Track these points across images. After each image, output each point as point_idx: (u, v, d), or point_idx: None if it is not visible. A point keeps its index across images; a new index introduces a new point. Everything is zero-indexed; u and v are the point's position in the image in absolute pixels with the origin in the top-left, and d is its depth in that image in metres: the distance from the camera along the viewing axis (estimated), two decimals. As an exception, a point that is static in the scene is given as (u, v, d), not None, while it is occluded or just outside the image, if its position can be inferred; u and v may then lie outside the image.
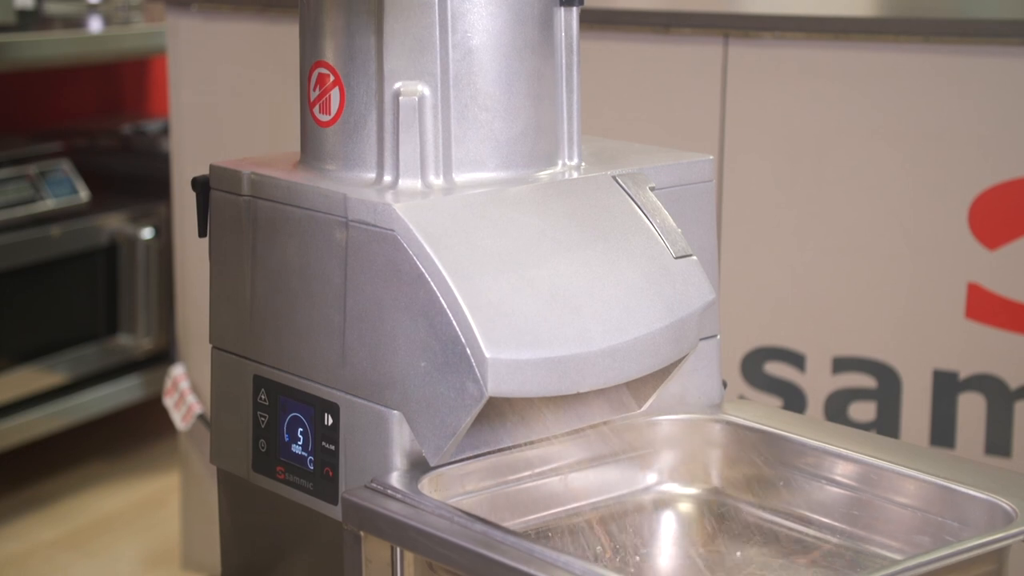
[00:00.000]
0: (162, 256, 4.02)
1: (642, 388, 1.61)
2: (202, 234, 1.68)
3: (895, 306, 2.59)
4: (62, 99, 4.58)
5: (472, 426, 1.48)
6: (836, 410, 2.64)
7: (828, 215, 2.62)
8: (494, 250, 1.47)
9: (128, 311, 4.04)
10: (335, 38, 1.58)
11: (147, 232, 4.03)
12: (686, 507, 1.61)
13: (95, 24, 4.27)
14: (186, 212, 3.24)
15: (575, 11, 1.63)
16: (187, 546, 3.42)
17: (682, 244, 1.58)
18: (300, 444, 1.57)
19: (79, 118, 4.58)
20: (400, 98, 1.55)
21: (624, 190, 1.59)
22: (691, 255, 1.58)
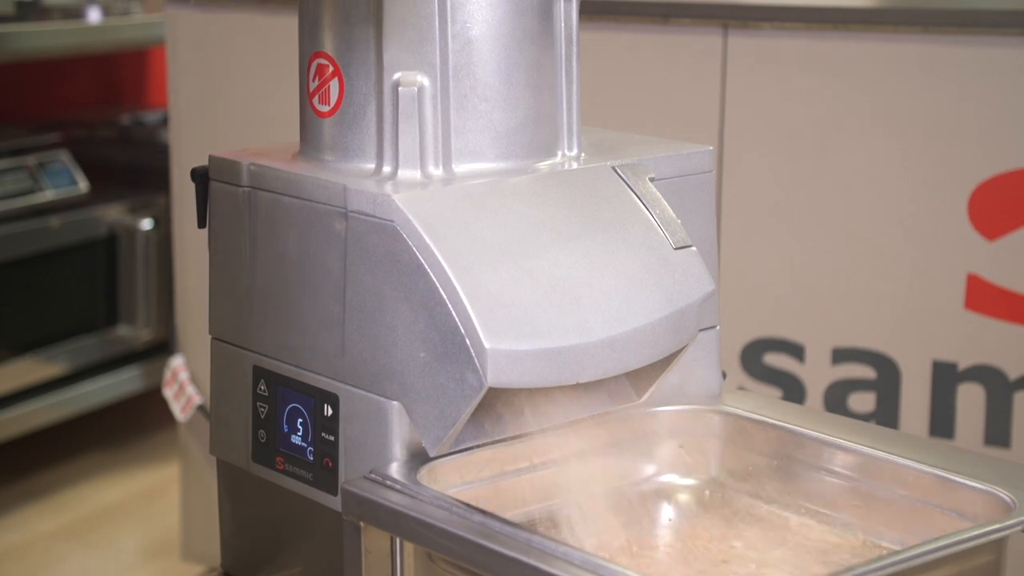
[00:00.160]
0: (161, 247, 4.02)
1: (641, 379, 1.61)
2: (201, 225, 1.68)
3: (894, 297, 2.59)
4: (61, 90, 4.58)
5: (471, 416, 1.48)
6: (835, 401, 2.64)
7: (828, 206, 2.62)
8: (493, 241, 1.47)
9: (128, 302, 4.04)
10: (334, 28, 1.58)
11: (146, 223, 4.02)
12: (685, 498, 1.61)
13: (94, 15, 4.26)
14: (185, 203, 3.24)
15: (574, 1, 1.62)
16: (187, 537, 3.42)
17: (681, 235, 1.58)
18: (300, 435, 1.57)
19: (78, 109, 4.57)
20: (399, 88, 1.54)
21: (624, 181, 1.59)
22: (691, 246, 1.58)
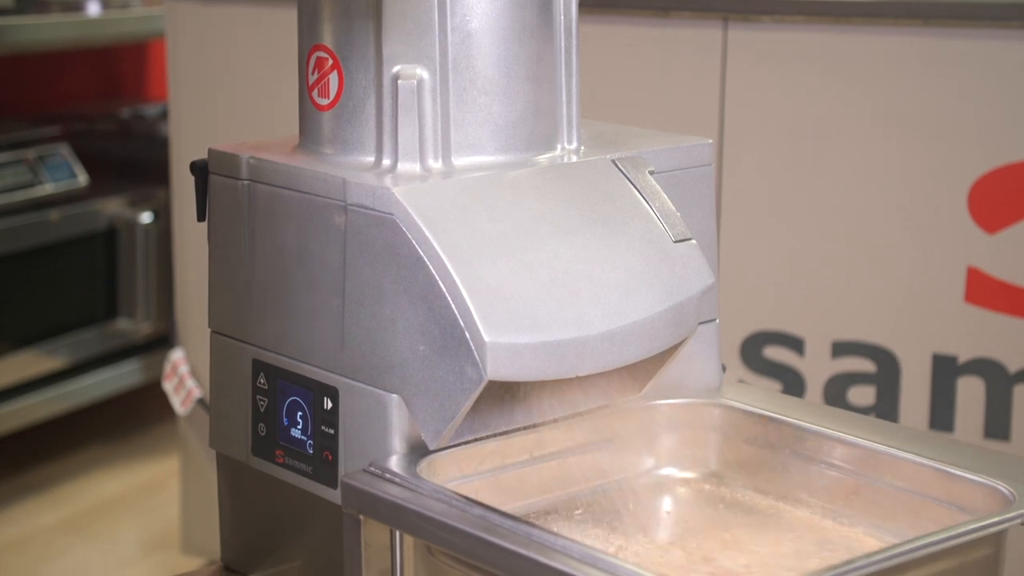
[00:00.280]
0: (161, 240, 4.02)
1: (641, 372, 1.61)
2: (201, 218, 1.68)
3: (894, 290, 2.59)
4: (61, 83, 4.58)
5: (471, 410, 1.48)
6: (835, 394, 2.64)
7: (827, 199, 2.62)
8: (493, 234, 1.47)
9: (127, 295, 4.04)
10: (333, 21, 1.58)
11: (146, 216, 4.02)
12: (684, 491, 1.61)
13: (94, 8, 4.26)
14: (185, 196, 3.24)
15: (574, -6, 1.62)
16: (186, 530, 3.42)
17: (681, 228, 1.57)
18: (299, 428, 1.57)
19: (78, 102, 4.57)
20: (399, 81, 1.54)
21: (623, 174, 1.59)
22: (690, 239, 1.58)
